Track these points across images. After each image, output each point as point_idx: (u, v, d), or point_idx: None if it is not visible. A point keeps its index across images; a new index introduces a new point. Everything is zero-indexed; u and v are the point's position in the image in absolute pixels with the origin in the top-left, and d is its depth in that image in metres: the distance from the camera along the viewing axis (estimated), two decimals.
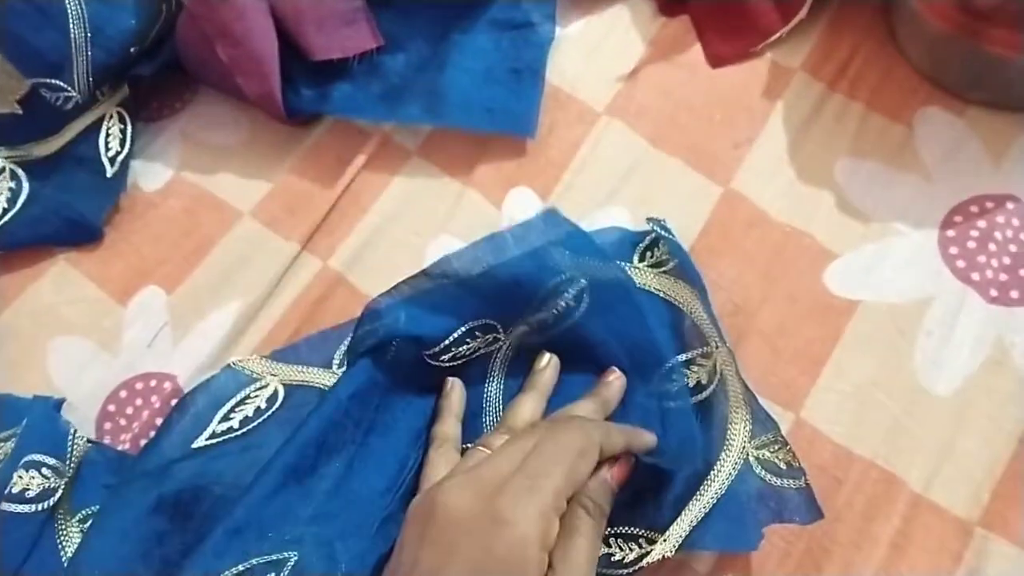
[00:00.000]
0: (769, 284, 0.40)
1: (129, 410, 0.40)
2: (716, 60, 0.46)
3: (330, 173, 0.46)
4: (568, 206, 0.44)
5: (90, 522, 0.35)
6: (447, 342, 0.37)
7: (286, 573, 0.32)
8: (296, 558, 0.33)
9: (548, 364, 0.37)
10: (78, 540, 0.35)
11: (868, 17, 0.46)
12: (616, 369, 0.37)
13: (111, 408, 0.40)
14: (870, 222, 0.41)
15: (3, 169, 0.46)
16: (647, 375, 0.37)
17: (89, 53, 0.44)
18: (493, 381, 0.38)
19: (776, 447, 0.36)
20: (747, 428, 0.35)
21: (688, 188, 0.43)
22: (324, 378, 0.38)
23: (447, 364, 0.37)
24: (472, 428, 0.37)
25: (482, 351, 0.38)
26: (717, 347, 0.37)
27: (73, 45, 0.44)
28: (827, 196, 0.42)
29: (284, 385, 0.38)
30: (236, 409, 0.37)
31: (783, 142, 0.44)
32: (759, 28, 0.46)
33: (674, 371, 0.37)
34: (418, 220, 0.44)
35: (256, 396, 0.37)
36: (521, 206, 0.44)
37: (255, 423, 0.36)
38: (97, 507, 0.36)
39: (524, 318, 0.38)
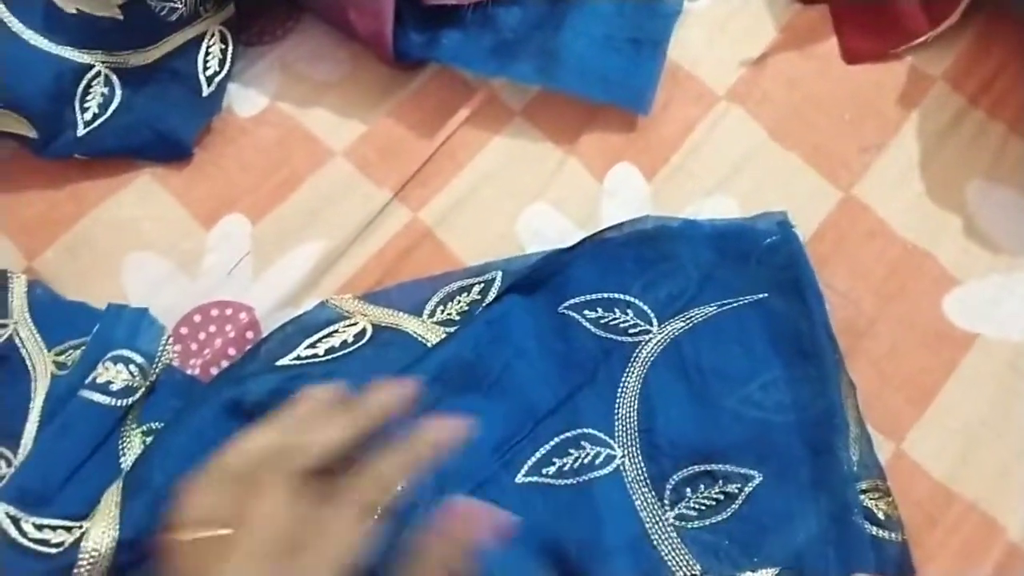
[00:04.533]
0: (883, 302, 0.38)
1: (202, 335, 0.39)
2: (852, 56, 0.44)
3: (428, 122, 0.44)
4: (674, 190, 0.42)
5: (163, 424, 0.35)
6: (595, 296, 0.36)
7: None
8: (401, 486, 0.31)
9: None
10: (140, 449, 0.34)
11: (1018, 34, 0.43)
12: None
13: (183, 331, 0.39)
14: (1000, 252, 0.39)
15: (99, 73, 0.45)
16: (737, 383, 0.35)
17: None
18: (634, 372, 0.36)
19: (878, 495, 0.34)
20: (852, 467, 0.34)
21: (805, 188, 0.41)
22: (414, 324, 0.37)
23: (588, 324, 0.36)
24: (604, 420, 0.35)
25: (628, 337, 0.37)
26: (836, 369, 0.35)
27: None
28: (955, 218, 0.40)
29: (373, 325, 0.37)
30: (323, 339, 0.36)
31: (915, 153, 0.41)
32: (904, 29, 0.43)
33: (771, 385, 0.35)
34: (515, 184, 0.42)
35: (345, 331, 0.37)
36: (624, 182, 0.42)
37: (339, 353, 0.36)
38: (161, 423, 0.35)
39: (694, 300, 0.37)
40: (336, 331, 0.37)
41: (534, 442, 0.35)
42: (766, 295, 0.37)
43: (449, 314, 0.38)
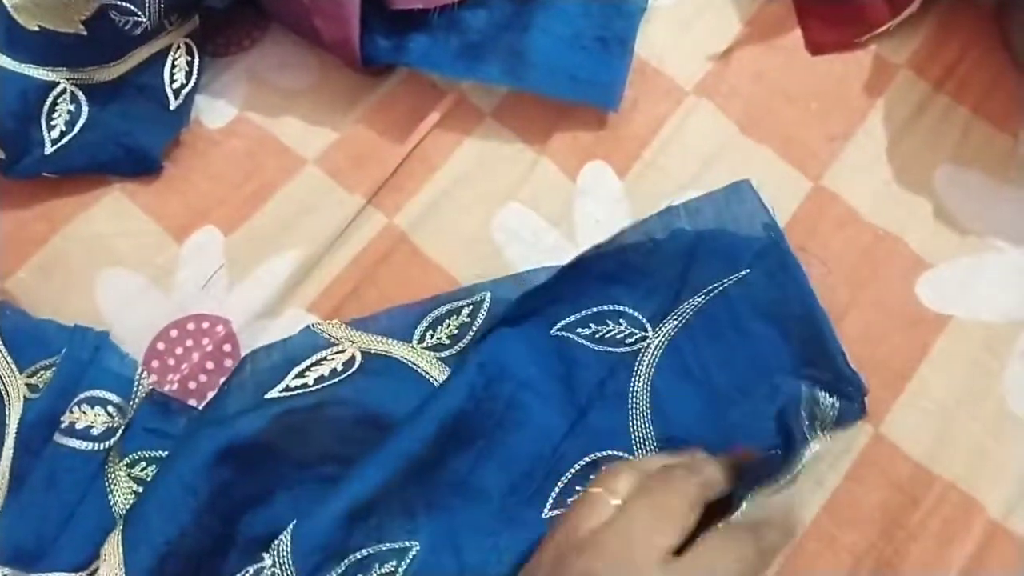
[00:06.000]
0: (856, 288, 0.38)
1: (179, 350, 0.38)
2: (816, 47, 0.44)
3: (399, 127, 0.44)
4: (647, 186, 0.42)
5: (153, 470, 0.34)
6: (585, 313, 0.36)
7: (407, 562, 0.32)
8: (418, 548, 0.32)
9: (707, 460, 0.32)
10: (127, 486, 0.34)
11: (980, 19, 0.44)
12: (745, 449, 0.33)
13: (160, 347, 0.38)
14: (967, 234, 0.39)
15: (64, 91, 0.45)
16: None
17: None
18: (640, 381, 0.36)
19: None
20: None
21: (776, 179, 0.41)
22: (404, 350, 0.37)
23: (584, 341, 0.36)
24: (616, 435, 0.35)
25: (627, 347, 0.37)
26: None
27: None
28: (924, 202, 0.40)
29: (362, 352, 0.36)
30: (312, 368, 0.36)
31: (882, 141, 0.41)
32: (866, 18, 0.43)
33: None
34: (488, 185, 0.42)
35: (333, 359, 0.36)
36: (597, 180, 0.42)
37: (330, 382, 0.35)
38: (144, 452, 0.35)
39: (680, 302, 0.36)
40: (324, 359, 0.36)
41: (556, 471, 0.35)
42: (748, 271, 0.37)
43: (439, 338, 0.38)
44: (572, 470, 0.34)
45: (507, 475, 0.34)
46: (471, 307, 0.38)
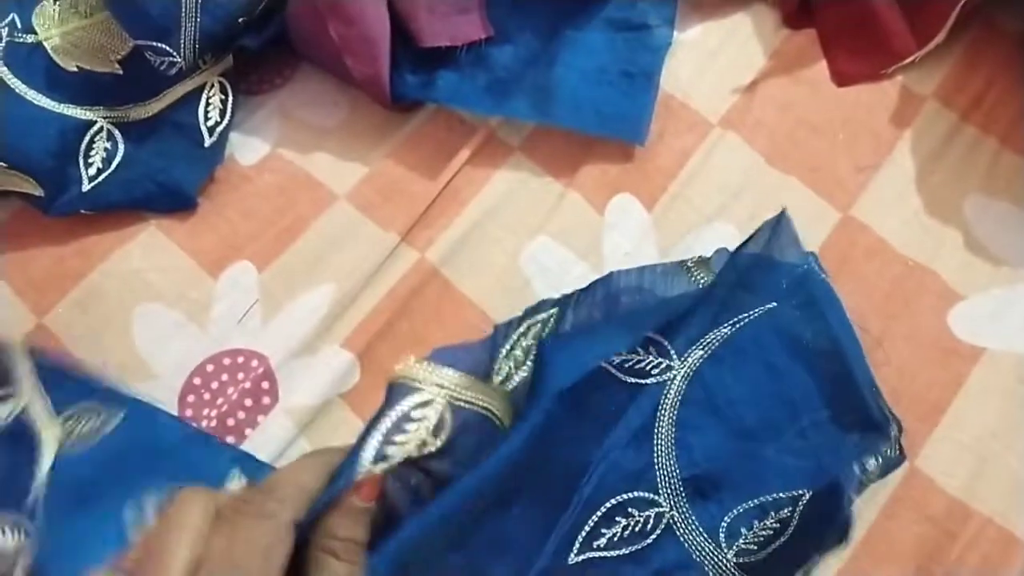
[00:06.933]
0: (888, 320, 0.38)
1: (215, 384, 0.39)
2: (842, 79, 0.44)
3: (428, 162, 0.44)
4: (674, 218, 0.42)
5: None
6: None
7: None
8: None
9: None
10: None
11: (1006, 49, 0.44)
12: None
13: (196, 381, 0.39)
14: (1000, 265, 0.39)
15: (100, 129, 0.46)
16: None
17: (198, 20, 0.43)
18: (665, 415, 0.36)
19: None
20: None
21: (804, 210, 0.41)
22: (487, 399, 0.32)
23: (614, 371, 0.36)
24: (642, 476, 0.35)
25: (653, 378, 0.36)
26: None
27: (183, 10, 0.43)
28: (955, 233, 0.40)
29: (451, 404, 0.30)
30: (405, 427, 0.28)
31: (910, 171, 0.42)
32: (892, 49, 0.43)
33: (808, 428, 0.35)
34: (517, 218, 0.43)
35: (423, 416, 0.29)
36: (625, 213, 0.43)
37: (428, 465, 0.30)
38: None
39: (704, 332, 0.36)
40: (411, 418, 0.29)
41: (583, 516, 0.34)
42: (775, 304, 0.37)
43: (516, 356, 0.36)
44: (598, 513, 0.34)
45: (534, 523, 0.33)
46: (539, 325, 0.37)
